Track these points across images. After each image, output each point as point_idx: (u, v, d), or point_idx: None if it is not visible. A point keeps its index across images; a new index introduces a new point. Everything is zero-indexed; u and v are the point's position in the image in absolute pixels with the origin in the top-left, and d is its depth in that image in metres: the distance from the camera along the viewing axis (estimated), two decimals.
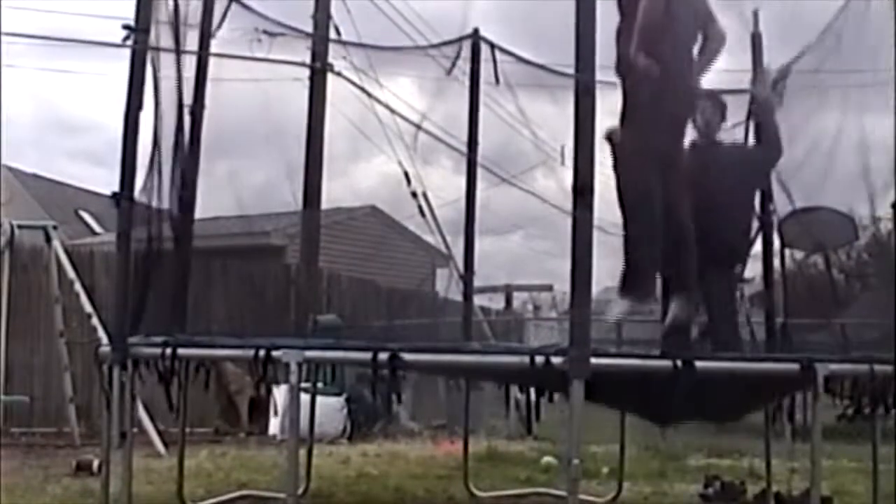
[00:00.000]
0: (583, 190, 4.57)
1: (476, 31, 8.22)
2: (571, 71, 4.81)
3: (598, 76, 4.75)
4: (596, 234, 4.73)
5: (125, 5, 5.42)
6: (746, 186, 6.44)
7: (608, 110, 5.65)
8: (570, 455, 4.55)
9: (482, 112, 8.33)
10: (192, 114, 6.36)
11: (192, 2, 6.21)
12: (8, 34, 5.79)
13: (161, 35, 5.70)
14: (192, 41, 6.31)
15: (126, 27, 5.37)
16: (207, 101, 6.54)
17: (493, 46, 8.12)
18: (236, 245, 16.08)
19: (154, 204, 5.74)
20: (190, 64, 6.33)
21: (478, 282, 8.88)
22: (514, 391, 6.13)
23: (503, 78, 8.19)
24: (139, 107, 5.37)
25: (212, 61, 6.62)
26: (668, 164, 5.77)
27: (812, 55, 6.53)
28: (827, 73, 6.32)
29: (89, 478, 7.35)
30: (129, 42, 5.36)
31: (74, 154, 45.63)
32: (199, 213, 6.71)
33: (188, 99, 6.31)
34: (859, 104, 6.12)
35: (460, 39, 8.22)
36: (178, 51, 5.98)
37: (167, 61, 5.91)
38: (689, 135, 6.22)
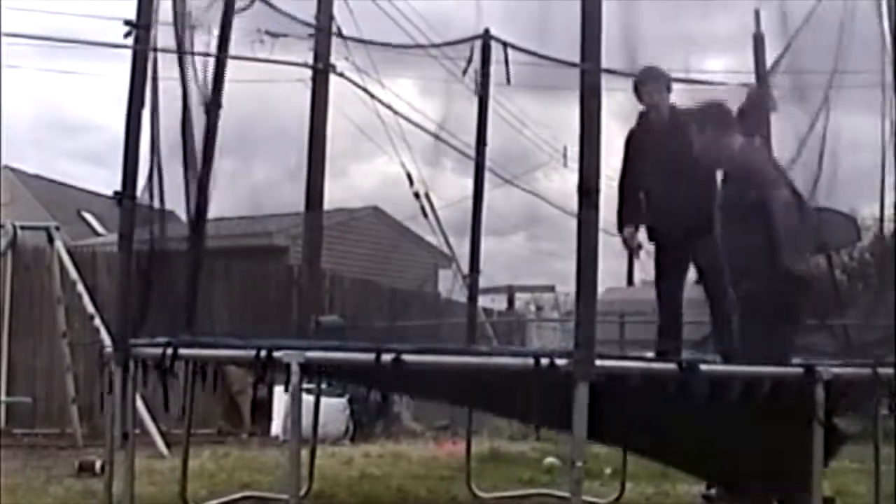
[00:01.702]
0: (588, 191, 4.56)
1: (487, 31, 8.18)
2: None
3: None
4: (599, 235, 4.73)
5: (126, 6, 5.43)
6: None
7: (613, 111, 5.66)
8: (573, 456, 4.55)
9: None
10: (208, 113, 6.36)
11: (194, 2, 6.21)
12: (8, 34, 5.77)
13: (164, 35, 5.70)
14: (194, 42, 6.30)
15: (128, 23, 5.36)
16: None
17: (505, 45, 8.07)
18: (239, 245, 16.10)
19: (157, 205, 5.73)
20: (197, 64, 6.33)
21: (480, 282, 8.88)
22: None
23: (511, 79, 8.16)
24: (141, 105, 5.37)
25: (216, 62, 6.62)
26: None
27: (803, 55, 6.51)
28: (822, 74, 6.32)
29: (92, 478, 7.36)
30: (131, 39, 5.35)
31: (75, 155, 45.59)
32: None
33: (201, 99, 6.31)
34: (858, 104, 6.12)
35: (471, 39, 8.18)
36: (182, 51, 5.97)
37: (173, 61, 5.91)
38: None
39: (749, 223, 5.70)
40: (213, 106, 6.35)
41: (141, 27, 5.39)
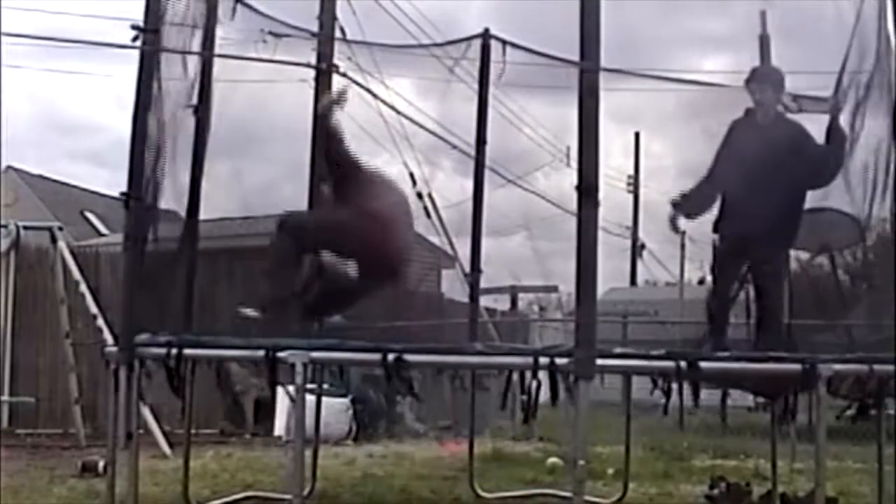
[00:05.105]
0: (588, 190, 4.56)
1: (486, 30, 8.18)
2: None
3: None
4: (601, 235, 4.73)
5: (126, 6, 5.43)
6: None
7: (612, 111, 5.66)
8: (575, 456, 4.55)
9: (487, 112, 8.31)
10: (197, 115, 6.35)
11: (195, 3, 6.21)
12: (8, 34, 5.76)
13: (167, 36, 5.70)
14: (195, 43, 6.30)
15: (135, 27, 5.35)
16: (214, 102, 6.54)
17: (504, 44, 8.06)
18: (242, 246, 16.09)
19: (159, 204, 5.73)
20: (194, 65, 6.33)
21: (483, 283, 8.87)
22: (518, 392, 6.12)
23: (509, 78, 8.16)
24: (148, 108, 5.37)
25: (218, 62, 6.62)
26: None
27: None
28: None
29: (95, 479, 7.36)
30: (138, 43, 5.34)
31: (75, 155, 45.67)
32: (205, 214, 6.72)
33: (194, 100, 6.31)
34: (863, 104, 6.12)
35: (470, 38, 8.19)
36: (186, 52, 5.97)
37: (174, 62, 5.91)
38: None
39: None
40: (204, 105, 6.34)
41: (148, 31, 5.38)
